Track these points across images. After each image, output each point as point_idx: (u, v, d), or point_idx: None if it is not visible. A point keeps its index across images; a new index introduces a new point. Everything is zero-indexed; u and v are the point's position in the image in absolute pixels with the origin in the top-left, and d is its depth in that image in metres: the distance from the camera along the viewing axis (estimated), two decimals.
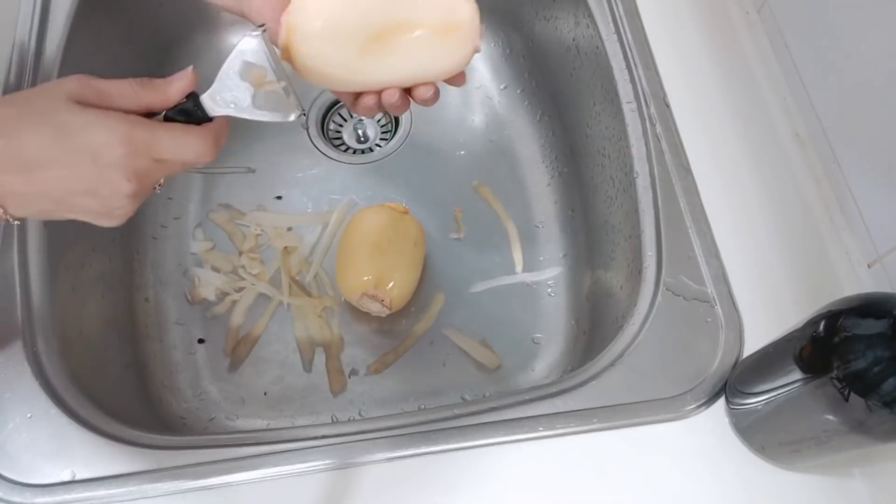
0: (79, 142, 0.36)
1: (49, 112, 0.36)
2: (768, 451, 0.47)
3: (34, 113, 0.36)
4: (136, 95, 0.39)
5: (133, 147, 0.37)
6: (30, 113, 0.36)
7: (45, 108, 0.36)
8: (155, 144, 0.38)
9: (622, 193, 0.62)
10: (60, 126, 0.36)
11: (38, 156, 0.36)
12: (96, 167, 0.36)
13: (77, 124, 0.36)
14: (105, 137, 0.36)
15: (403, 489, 0.47)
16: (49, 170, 0.36)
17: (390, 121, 0.82)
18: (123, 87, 0.38)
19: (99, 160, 0.36)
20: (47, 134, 0.36)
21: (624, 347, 0.52)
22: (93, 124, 0.36)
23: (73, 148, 0.36)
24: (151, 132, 0.37)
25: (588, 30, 0.67)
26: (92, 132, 0.36)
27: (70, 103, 0.36)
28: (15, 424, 0.47)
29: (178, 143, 0.38)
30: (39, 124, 0.36)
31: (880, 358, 0.36)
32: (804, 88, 0.56)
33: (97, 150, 0.36)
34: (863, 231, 0.51)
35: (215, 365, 0.68)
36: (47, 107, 0.36)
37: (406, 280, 0.66)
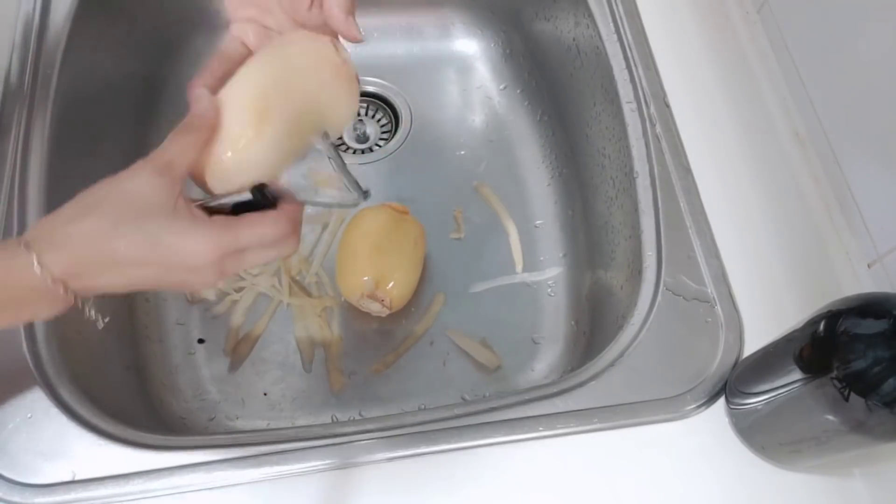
0: (170, 251, 0.37)
1: (145, 217, 0.37)
2: (768, 451, 0.47)
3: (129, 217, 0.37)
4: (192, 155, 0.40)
5: (220, 252, 0.38)
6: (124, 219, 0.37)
7: (141, 212, 0.37)
8: (240, 247, 0.39)
9: (622, 193, 0.62)
10: (155, 236, 0.37)
11: (130, 261, 0.37)
12: (186, 270, 0.38)
13: (168, 234, 0.37)
14: (193, 246, 0.38)
15: (403, 489, 0.47)
16: (141, 271, 0.38)
17: (390, 121, 0.82)
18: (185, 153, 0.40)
19: (189, 265, 0.38)
20: (146, 244, 0.37)
21: (624, 347, 0.52)
22: (182, 234, 0.38)
23: (164, 255, 0.37)
24: (234, 232, 0.39)
25: (588, 30, 0.67)
26: (182, 242, 0.38)
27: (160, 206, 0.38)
28: (15, 424, 0.47)
29: (261, 240, 0.40)
30: (131, 234, 0.37)
31: (880, 358, 0.36)
32: (804, 88, 0.56)
33: (187, 259, 0.38)
34: (863, 231, 0.51)
35: (215, 365, 0.68)
36: (142, 211, 0.37)
37: (406, 280, 0.66)
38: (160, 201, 0.38)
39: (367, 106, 0.83)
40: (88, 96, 0.65)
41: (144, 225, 0.37)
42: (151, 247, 0.37)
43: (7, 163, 0.57)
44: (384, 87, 0.83)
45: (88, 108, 0.65)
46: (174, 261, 0.38)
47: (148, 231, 0.37)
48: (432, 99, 0.83)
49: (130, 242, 0.37)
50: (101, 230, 0.37)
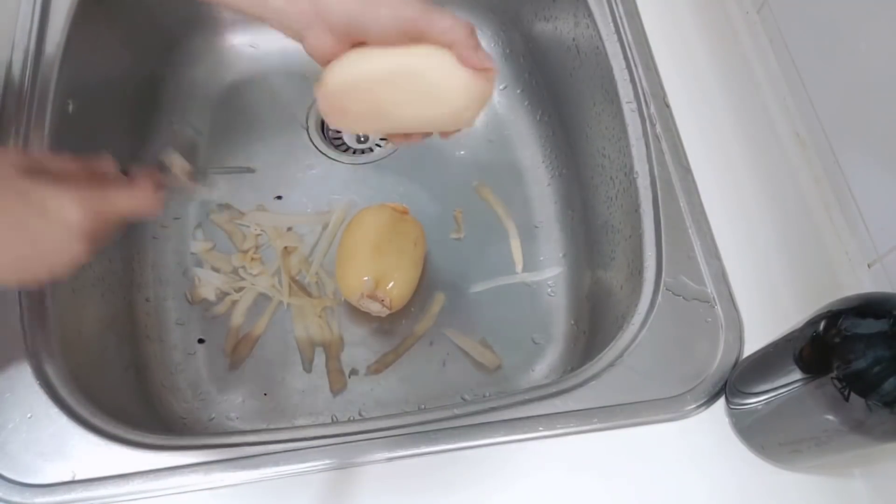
0: (36, 207, 0.37)
1: (8, 181, 0.37)
2: (768, 451, 0.47)
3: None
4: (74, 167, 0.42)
5: (91, 210, 0.38)
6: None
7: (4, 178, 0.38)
8: (110, 205, 0.40)
9: (622, 193, 0.62)
10: (18, 193, 0.37)
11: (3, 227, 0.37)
12: (56, 231, 0.38)
13: (34, 191, 0.37)
14: (66, 202, 0.38)
15: (403, 489, 0.47)
16: (11, 241, 0.37)
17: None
18: (62, 161, 0.42)
19: (60, 224, 0.38)
20: (13, 205, 0.37)
21: (624, 347, 0.52)
22: (55, 192, 0.38)
23: (40, 217, 0.37)
24: (105, 194, 0.40)
25: (588, 30, 0.67)
26: (56, 200, 0.38)
27: (20, 171, 0.38)
28: (15, 424, 0.47)
29: (128, 200, 0.41)
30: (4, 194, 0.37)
31: (880, 358, 0.36)
32: (804, 88, 0.56)
33: (65, 217, 0.38)
34: (863, 231, 0.51)
35: (215, 365, 0.68)
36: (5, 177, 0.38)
37: (406, 280, 0.66)
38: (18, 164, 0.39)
39: None
40: (88, 96, 0.65)
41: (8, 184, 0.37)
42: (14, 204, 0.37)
43: None
44: None
45: (88, 107, 0.65)
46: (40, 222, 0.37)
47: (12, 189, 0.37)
48: None
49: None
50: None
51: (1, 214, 0.37)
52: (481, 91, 0.43)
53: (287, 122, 0.81)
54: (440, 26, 0.41)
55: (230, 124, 0.80)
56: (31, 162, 0.40)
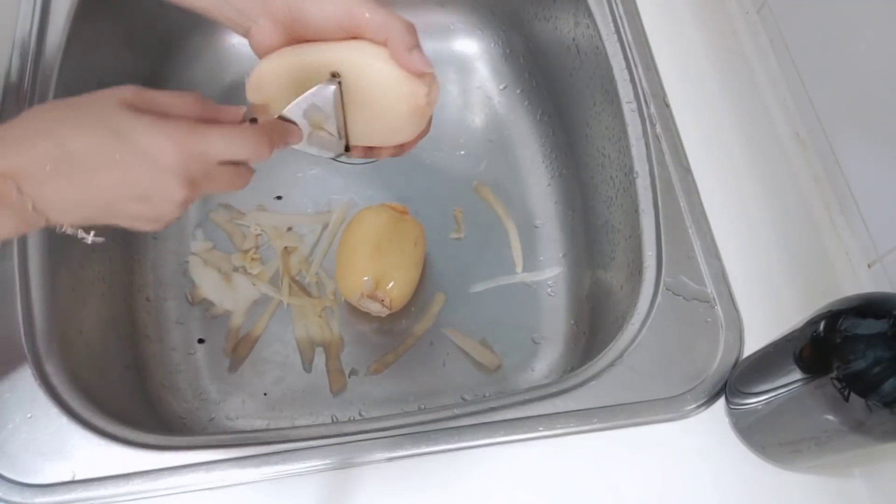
0: (133, 146, 0.35)
1: (101, 115, 0.35)
2: (768, 451, 0.47)
3: (85, 116, 0.35)
4: (188, 108, 0.38)
5: (188, 151, 0.36)
6: (80, 116, 0.35)
7: (97, 112, 0.36)
8: (209, 145, 0.37)
9: (622, 193, 0.62)
10: (114, 129, 0.35)
11: (90, 160, 0.35)
12: (151, 172, 0.36)
13: (131, 128, 0.35)
14: (161, 142, 0.35)
15: (403, 489, 0.47)
16: (101, 174, 0.35)
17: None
18: (177, 99, 0.38)
19: (154, 165, 0.35)
20: (100, 137, 0.35)
21: (624, 347, 0.52)
22: (147, 128, 0.35)
23: (128, 152, 0.35)
24: (204, 133, 0.37)
25: (588, 30, 0.67)
26: (147, 136, 0.35)
27: (123, 108, 0.36)
28: (15, 424, 0.47)
29: (230, 140, 0.38)
30: (91, 127, 0.35)
31: (880, 358, 0.36)
32: (804, 88, 0.56)
33: (153, 155, 0.35)
34: (863, 231, 0.51)
35: (215, 365, 0.68)
36: (100, 111, 0.36)
37: (406, 280, 0.66)
38: (128, 101, 0.36)
39: None
40: None
41: (105, 118, 0.35)
42: (109, 142, 0.35)
43: None
44: None
45: None
46: (136, 158, 0.35)
47: (108, 123, 0.35)
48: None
49: (88, 133, 0.35)
50: (62, 121, 0.35)
51: (95, 152, 0.35)
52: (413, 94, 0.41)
53: None
54: (374, 21, 0.40)
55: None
56: (140, 99, 0.37)
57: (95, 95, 0.36)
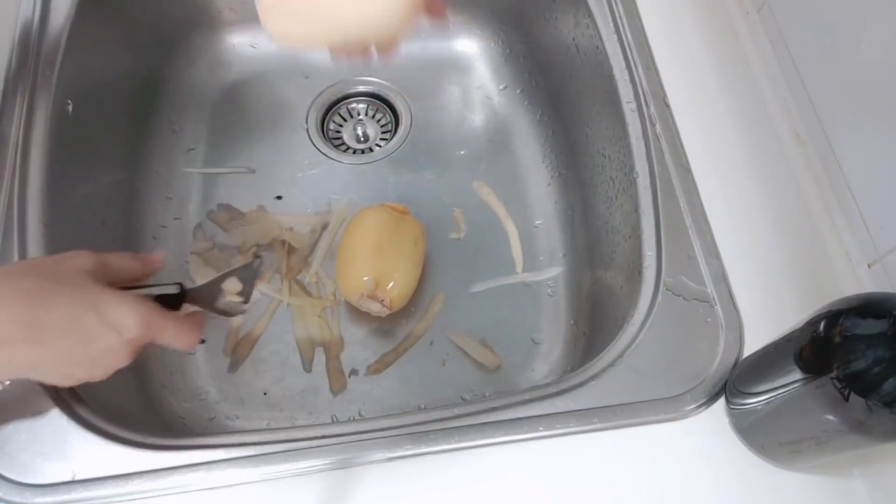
0: (104, 318, 0.39)
1: (75, 287, 0.39)
2: (768, 451, 0.47)
3: (59, 286, 0.39)
4: (132, 268, 0.45)
5: (147, 329, 0.41)
6: (54, 286, 0.39)
7: (70, 283, 0.40)
8: (162, 330, 0.42)
9: (622, 193, 0.62)
10: (88, 302, 0.39)
11: (61, 329, 0.38)
12: (111, 342, 0.40)
13: (104, 301, 0.40)
14: (130, 319, 0.40)
15: (403, 489, 0.47)
16: (67, 342, 0.39)
17: (390, 121, 0.82)
18: (123, 260, 0.45)
19: (118, 337, 0.40)
20: (74, 308, 0.39)
21: (624, 348, 0.52)
22: (119, 304, 0.40)
23: (98, 323, 0.39)
24: (163, 319, 0.42)
25: (588, 30, 0.67)
26: (118, 311, 0.40)
27: (91, 279, 0.41)
28: (15, 424, 0.47)
29: (177, 330, 0.43)
30: (67, 297, 0.39)
31: (880, 358, 0.36)
32: (804, 88, 0.56)
33: (120, 328, 0.40)
34: (863, 231, 0.51)
35: (215, 365, 0.68)
36: (72, 282, 0.40)
37: (406, 280, 0.66)
38: (89, 271, 0.41)
39: (367, 106, 0.83)
40: (88, 96, 0.65)
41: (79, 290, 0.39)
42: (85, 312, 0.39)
43: (7, 163, 0.57)
44: (384, 88, 0.83)
45: (88, 107, 0.65)
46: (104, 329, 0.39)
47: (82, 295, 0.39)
48: (432, 99, 0.83)
49: (65, 305, 0.38)
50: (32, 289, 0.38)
51: (67, 322, 0.38)
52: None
53: (287, 122, 0.81)
54: None
55: (230, 124, 0.80)
56: (100, 267, 0.42)
57: (62, 263, 0.41)
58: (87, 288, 0.40)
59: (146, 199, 0.74)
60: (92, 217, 0.64)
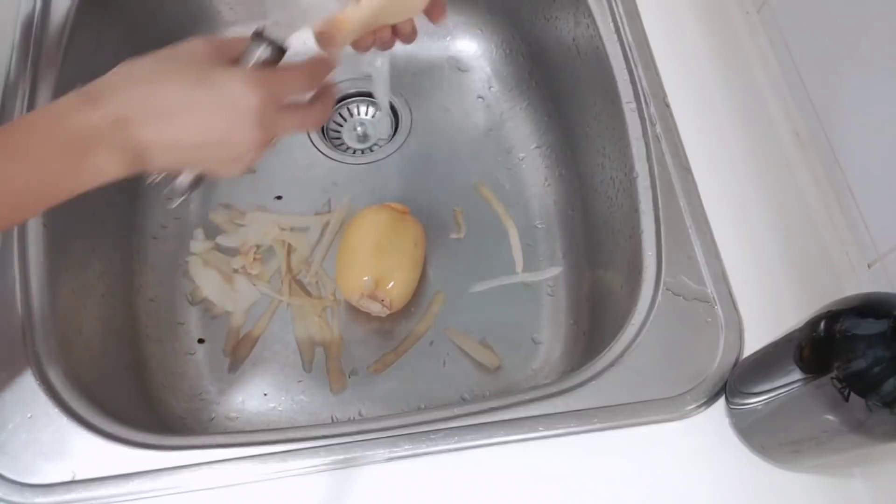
0: (218, 91, 0.39)
1: (190, 64, 0.40)
2: (768, 451, 0.47)
3: (176, 65, 0.40)
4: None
5: (263, 93, 0.40)
6: (171, 66, 0.40)
7: (185, 62, 0.40)
8: (281, 82, 0.42)
9: (622, 193, 0.62)
10: (201, 77, 0.39)
11: (181, 103, 0.39)
12: (231, 115, 0.40)
13: (216, 75, 0.40)
14: (242, 87, 0.39)
15: (403, 489, 0.47)
16: (190, 117, 0.39)
17: (391, 121, 0.82)
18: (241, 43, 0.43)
19: (234, 108, 0.40)
20: (190, 84, 0.39)
21: (624, 348, 0.52)
22: (230, 75, 0.40)
23: (213, 96, 0.39)
24: (275, 73, 0.42)
25: (588, 30, 0.67)
26: (229, 82, 0.40)
27: (206, 57, 0.40)
28: (15, 424, 0.47)
29: (296, 74, 0.43)
30: (182, 74, 0.39)
31: (880, 358, 0.36)
32: (804, 88, 0.56)
33: (235, 99, 0.39)
34: (863, 231, 0.51)
35: (215, 365, 0.68)
36: (188, 60, 0.40)
37: (406, 280, 0.66)
38: (207, 53, 0.41)
39: (367, 106, 0.83)
40: None
41: (194, 67, 0.40)
42: (197, 87, 0.39)
43: None
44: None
45: None
46: (219, 102, 0.39)
47: (196, 71, 0.40)
48: (432, 99, 0.83)
49: (181, 81, 0.39)
50: (153, 72, 0.39)
51: (186, 97, 0.39)
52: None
53: None
54: None
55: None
56: (213, 48, 0.41)
57: (178, 49, 0.41)
58: (202, 64, 0.40)
59: (146, 200, 0.74)
60: (92, 217, 0.64)
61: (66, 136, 0.38)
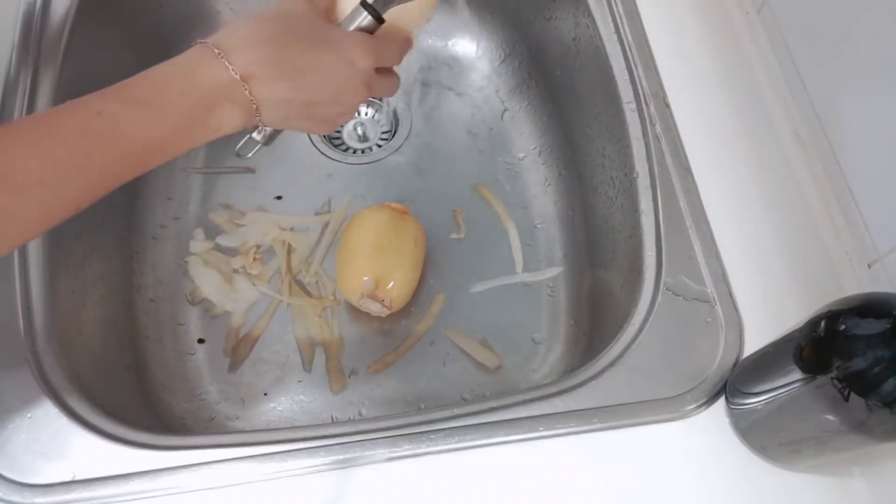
0: (339, 53, 0.42)
1: (313, 26, 0.43)
2: (768, 451, 0.47)
3: (299, 26, 0.42)
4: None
5: (374, 55, 0.44)
6: (294, 26, 0.42)
7: (303, 21, 0.43)
8: (385, 56, 0.45)
9: (622, 193, 0.62)
10: (323, 38, 0.42)
11: (307, 62, 0.42)
12: (347, 75, 0.43)
13: (339, 38, 0.43)
14: (359, 51, 0.43)
15: (403, 489, 0.46)
16: (310, 76, 0.42)
17: (391, 120, 0.82)
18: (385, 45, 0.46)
19: (352, 70, 0.43)
20: (314, 44, 0.42)
21: (624, 348, 0.52)
22: (348, 37, 0.43)
23: (335, 58, 0.42)
24: (384, 46, 0.45)
25: (588, 30, 0.67)
26: (350, 46, 0.43)
27: (314, 16, 0.43)
28: (15, 424, 0.47)
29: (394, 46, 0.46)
30: (307, 35, 0.42)
31: (880, 358, 0.36)
32: (804, 88, 0.56)
33: (353, 61, 0.43)
34: (863, 231, 0.51)
35: (215, 365, 0.68)
36: (310, 22, 0.43)
37: (406, 280, 0.66)
38: (312, 12, 0.43)
39: (367, 106, 0.83)
40: None
41: (317, 29, 0.43)
42: (323, 47, 0.42)
43: None
44: None
45: None
46: (340, 63, 0.42)
47: (319, 33, 0.42)
48: (432, 99, 0.83)
49: (305, 41, 0.42)
50: (277, 32, 0.41)
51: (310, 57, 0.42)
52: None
53: None
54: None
55: None
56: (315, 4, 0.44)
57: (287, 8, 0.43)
58: (324, 26, 0.43)
59: (146, 200, 0.74)
60: (92, 218, 0.64)
61: (198, 89, 0.39)
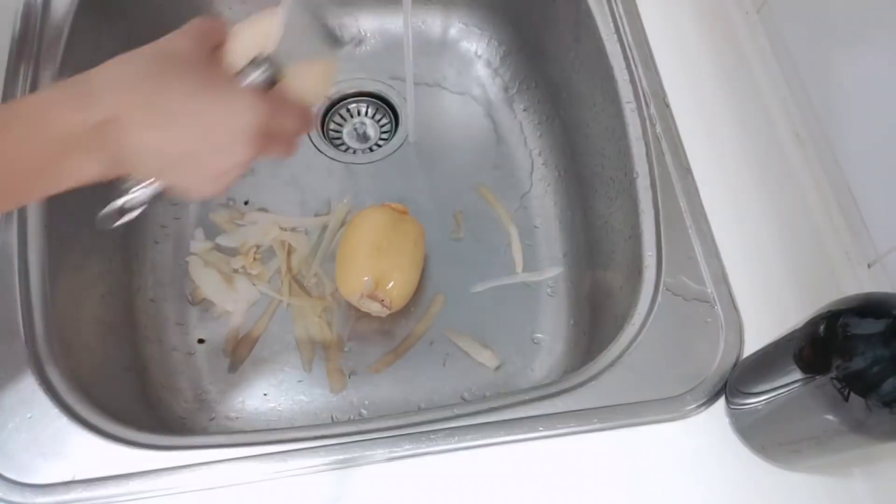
0: (223, 103, 0.37)
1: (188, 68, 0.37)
2: (768, 451, 0.47)
3: (175, 66, 0.37)
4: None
5: (264, 116, 0.37)
6: (170, 66, 0.37)
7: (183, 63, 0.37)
8: (278, 114, 0.39)
9: (622, 193, 0.62)
10: (204, 84, 0.37)
11: (181, 110, 0.36)
12: (231, 128, 0.37)
13: (220, 85, 0.37)
14: (247, 104, 0.37)
15: (403, 489, 0.47)
16: (187, 126, 0.36)
17: (390, 121, 0.82)
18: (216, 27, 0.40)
19: (237, 122, 0.37)
20: (192, 90, 0.36)
21: (624, 348, 0.52)
22: (236, 89, 0.37)
23: (217, 108, 0.36)
24: (278, 103, 0.39)
25: (588, 30, 0.67)
26: (236, 96, 0.37)
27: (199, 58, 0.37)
28: (15, 424, 0.47)
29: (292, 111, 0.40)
30: (183, 79, 0.36)
31: (880, 358, 0.36)
32: (804, 88, 0.56)
33: (238, 113, 0.37)
34: (863, 231, 0.51)
35: (215, 365, 0.68)
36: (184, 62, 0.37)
37: (406, 280, 0.66)
38: (198, 52, 0.38)
39: (367, 106, 0.83)
40: None
41: (194, 73, 0.37)
42: (205, 93, 0.36)
43: None
44: (384, 87, 0.83)
45: None
46: (223, 113, 0.36)
47: (199, 77, 0.37)
48: (432, 99, 0.83)
49: (180, 86, 0.36)
50: (151, 74, 0.36)
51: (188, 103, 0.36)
52: None
53: None
54: None
55: None
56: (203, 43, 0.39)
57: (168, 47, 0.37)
58: (210, 69, 0.38)
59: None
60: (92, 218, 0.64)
61: (46, 135, 0.34)
